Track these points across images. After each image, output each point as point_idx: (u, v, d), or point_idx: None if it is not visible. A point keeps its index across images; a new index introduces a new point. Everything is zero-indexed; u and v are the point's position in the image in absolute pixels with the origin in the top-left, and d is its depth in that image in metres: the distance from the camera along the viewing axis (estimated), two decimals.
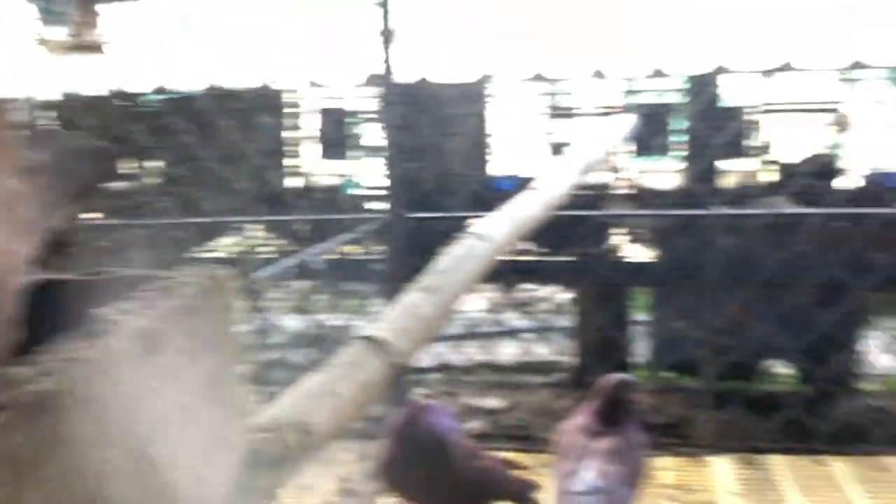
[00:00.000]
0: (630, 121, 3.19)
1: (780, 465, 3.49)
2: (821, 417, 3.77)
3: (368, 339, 1.24)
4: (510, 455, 3.46)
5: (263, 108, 4.59)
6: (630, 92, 5.14)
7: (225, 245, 4.21)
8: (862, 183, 4.87)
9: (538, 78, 4.15)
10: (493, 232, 1.71)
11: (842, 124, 5.71)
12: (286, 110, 5.51)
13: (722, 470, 3.47)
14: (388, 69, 3.50)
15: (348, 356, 1.21)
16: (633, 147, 5.72)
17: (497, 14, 4.35)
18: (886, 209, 3.81)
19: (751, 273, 3.85)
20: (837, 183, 4.92)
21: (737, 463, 3.51)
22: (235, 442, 0.82)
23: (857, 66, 3.82)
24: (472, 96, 4.75)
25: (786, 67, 3.93)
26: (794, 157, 5.45)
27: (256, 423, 0.92)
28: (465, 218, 3.24)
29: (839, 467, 3.47)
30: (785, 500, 3.19)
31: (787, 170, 5.13)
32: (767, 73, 4.53)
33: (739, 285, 3.92)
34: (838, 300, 3.79)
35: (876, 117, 5.85)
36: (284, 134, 5.34)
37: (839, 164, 5.21)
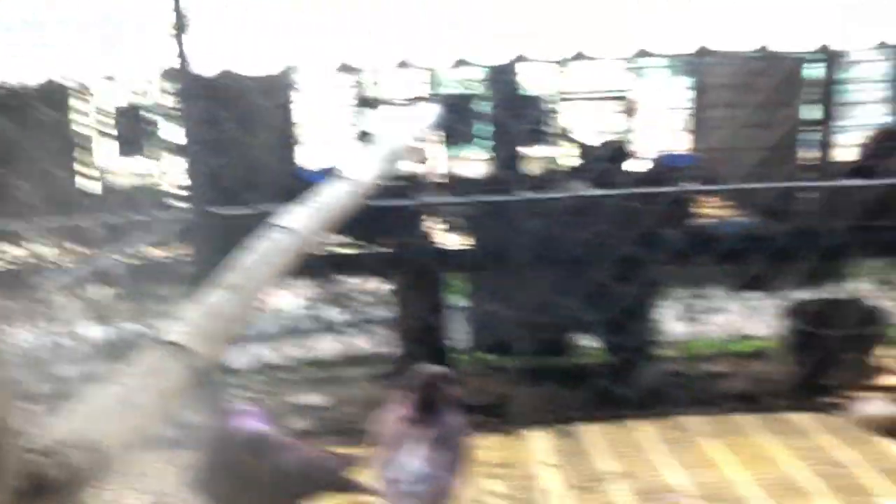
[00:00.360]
0: (434, 110, 3.23)
1: (591, 433, 3.68)
2: (626, 385, 4.01)
3: (167, 343, 1.17)
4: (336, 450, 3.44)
5: (50, 104, 4.24)
6: (434, 81, 5.22)
7: (7, 254, 3.86)
8: (650, 165, 5.23)
9: (344, 68, 4.10)
10: (299, 224, 1.66)
11: (630, 110, 6.10)
12: (77, 107, 5.14)
13: (539, 443, 3.61)
14: (184, 61, 3.33)
15: (145, 364, 1.13)
16: (442, 136, 5.82)
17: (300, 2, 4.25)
18: (672, 188, 4.09)
19: (556, 253, 4.03)
20: (629, 165, 5.24)
21: (552, 435, 3.67)
22: (3, 470, 0.74)
23: (642, 54, 4.07)
24: (277, 88, 4.64)
25: (579, 56, 4.12)
26: (591, 142, 5.76)
27: (36, 446, 0.83)
28: (275, 212, 3.16)
29: (644, 430, 3.71)
30: (596, 466, 3.37)
31: (585, 154, 5.41)
32: (562, 62, 4.75)
33: (546, 266, 4.09)
34: (635, 275, 4.04)
35: (661, 103, 6.30)
36: (76, 132, 4.97)
37: (630, 147, 5.57)
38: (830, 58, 4.34)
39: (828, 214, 4.11)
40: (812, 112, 4.69)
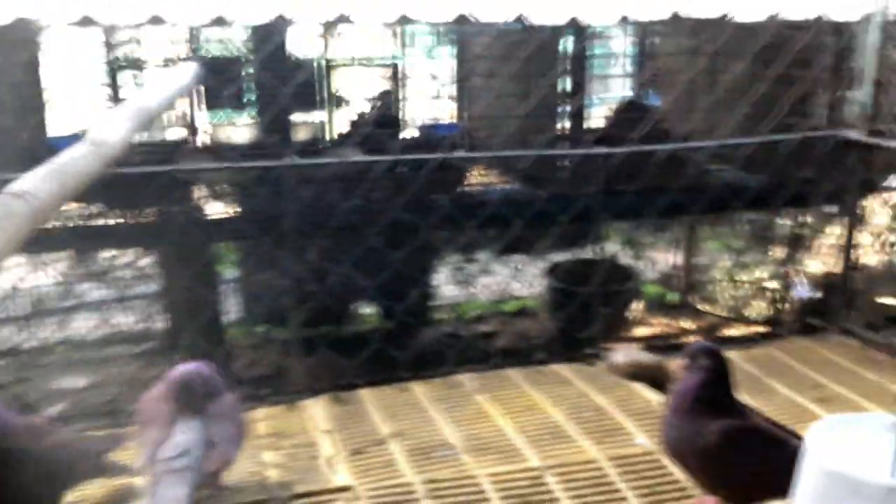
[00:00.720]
0: (191, 71, 3.04)
1: (368, 398, 3.71)
2: (402, 348, 4.08)
3: None
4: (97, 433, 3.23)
5: None
6: (194, 40, 4.94)
7: None
8: (417, 133, 5.32)
9: (88, 22, 3.72)
10: (34, 190, 1.49)
11: (399, 78, 6.15)
12: None
13: (315, 411, 3.59)
14: None
15: None
16: (206, 100, 5.55)
17: None
18: (439, 155, 4.17)
19: (328, 220, 3.99)
20: (399, 132, 5.30)
21: (329, 402, 3.66)
22: None
23: (404, 21, 4.08)
24: (14, 42, 4.17)
25: (342, 19, 4.06)
26: (361, 108, 5.76)
27: None
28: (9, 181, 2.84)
29: (420, 391, 3.80)
30: (374, 428, 3.41)
31: (355, 120, 5.39)
32: (327, 24, 4.66)
33: (318, 233, 4.04)
34: (408, 241, 4.10)
35: (427, 71, 6.41)
36: None
37: (399, 114, 5.63)
38: (580, 31, 4.61)
39: (581, 180, 4.39)
40: (568, 83, 4.98)
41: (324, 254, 4.25)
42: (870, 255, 4.69)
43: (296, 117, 5.27)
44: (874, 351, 4.16)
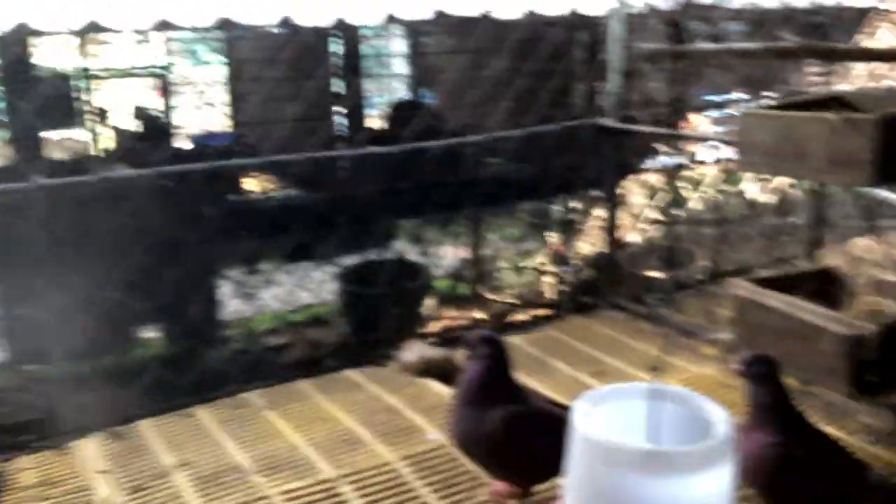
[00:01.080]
0: None
1: (149, 429, 3.48)
2: (186, 372, 3.86)
3: None
4: None
5: None
6: None
7: None
8: (190, 145, 5.09)
9: None
10: None
11: (167, 88, 5.88)
12: None
13: (89, 451, 3.32)
14: None
15: None
16: None
17: None
18: (207, 164, 4.00)
19: (92, 243, 3.72)
20: (171, 144, 5.05)
21: (104, 440, 3.40)
22: None
23: (163, 26, 3.87)
24: None
25: (93, 28, 3.79)
26: (127, 122, 5.43)
27: None
28: None
29: (205, 414, 3.61)
30: (156, 461, 3.20)
31: (121, 135, 5.08)
32: (77, 33, 4.35)
33: (83, 258, 3.75)
34: (182, 257, 3.90)
35: (199, 79, 6.16)
36: None
37: (169, 126, 5.36)
38: (349, 32, 4.60)
39: (360, 181, 4.38)
40: (341, 85, 4.96)
41: (93, 279, 3.96)
42: (631, 233, 5.03)
43: (53, 134, 4.89)
44: (640, 322, 4.47)
